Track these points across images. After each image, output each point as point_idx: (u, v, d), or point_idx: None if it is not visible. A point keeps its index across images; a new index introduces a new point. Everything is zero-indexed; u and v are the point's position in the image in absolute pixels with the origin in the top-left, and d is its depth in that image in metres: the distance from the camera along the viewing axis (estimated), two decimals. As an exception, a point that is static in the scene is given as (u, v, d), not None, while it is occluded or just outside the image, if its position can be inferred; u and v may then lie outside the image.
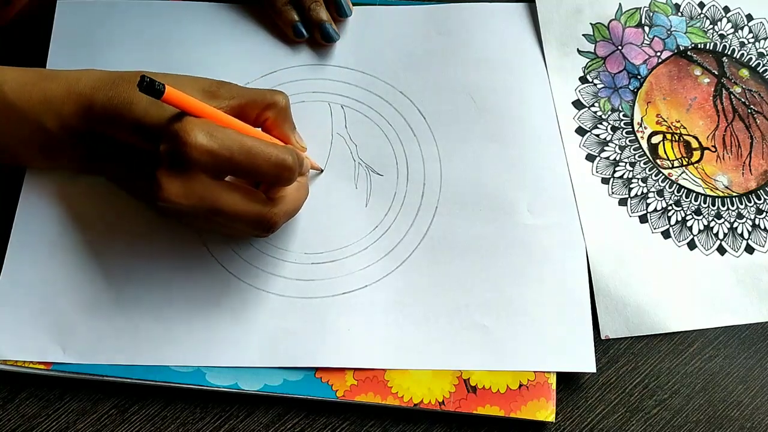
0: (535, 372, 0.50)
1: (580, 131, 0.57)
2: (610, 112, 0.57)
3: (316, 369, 0.49)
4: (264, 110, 0.48)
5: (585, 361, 0.50)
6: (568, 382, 0.51)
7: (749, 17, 0.61)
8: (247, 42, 0.57)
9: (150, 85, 0.39)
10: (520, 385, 0.49)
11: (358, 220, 0.53)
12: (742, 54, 0.60)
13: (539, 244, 0.53)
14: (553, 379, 0.50)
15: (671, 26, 0.60)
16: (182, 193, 0.43)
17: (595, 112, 0.57)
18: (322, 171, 0.54)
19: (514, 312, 0.51)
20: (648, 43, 0.59)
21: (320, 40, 0.57)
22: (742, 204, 0.56)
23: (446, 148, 0.55)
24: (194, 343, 0.49)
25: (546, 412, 0.49)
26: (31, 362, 0.48)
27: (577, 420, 0.50)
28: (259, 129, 0.49)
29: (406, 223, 0.53)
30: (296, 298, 0.51)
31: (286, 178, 0.45)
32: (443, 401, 0.49)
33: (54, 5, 0.57)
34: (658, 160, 0.56)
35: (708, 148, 0.57)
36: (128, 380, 0.49)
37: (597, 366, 0.50)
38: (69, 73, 0.48)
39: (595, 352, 0.50)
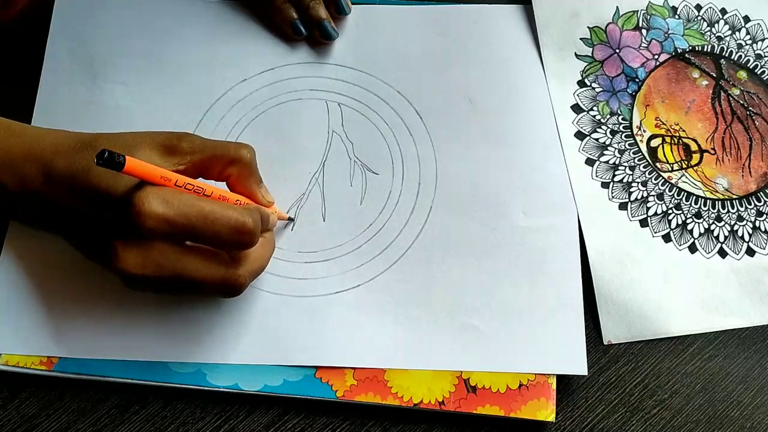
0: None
1: (579, 135, 0.57)
2: (608, 116, 0.58)
3: (316, 369, 0.49)
4: (227, 166, 0.46)
5: (577, 364, 0.50)
6: (568, 382, 0.51)
7: (746, 19, 0.61)
8: (245, 39, 0.58)
9: (109, 159, 0.37)
10: (520, 385, 0.49)
11: (352, 219, 0.53)
12: (740, 56, 0.60)
13: (533, 246, 0.52)
14: (553, 379, 0.49)
15: (668, 29, 0.60)
16: (139, 263, 0.42)
17: (594, 116, 0.57)
18: (291, 220, 0.53)
19: (506, 314, 0.51)
20: (645, 46, 0.60)
21: (319, 38, 0.57)
22: (742, 206, 0.56)
23: (442, 149, 0.55)
24: (191, 339, 0.49)
25: (546, 411, 0.49)
26: (32, 362, 0.49)
27: (577, 420, 0.50)
28: (224, 184, 0.48)
29: (400, 222, 0.53)
30: (290, 296, 0.51)
31: (246, 243, 0.43)
32: (443, 401, 0.49)
33: (53, 5, 0.58)
34: (657, 164, 0.56)
35: (707, 151, 0.57)
36: (128, 380, 0.49)
37: (597, 366, 0.50)
38: (34, 131, 0.47)
39: (596, 352, 0.51)
